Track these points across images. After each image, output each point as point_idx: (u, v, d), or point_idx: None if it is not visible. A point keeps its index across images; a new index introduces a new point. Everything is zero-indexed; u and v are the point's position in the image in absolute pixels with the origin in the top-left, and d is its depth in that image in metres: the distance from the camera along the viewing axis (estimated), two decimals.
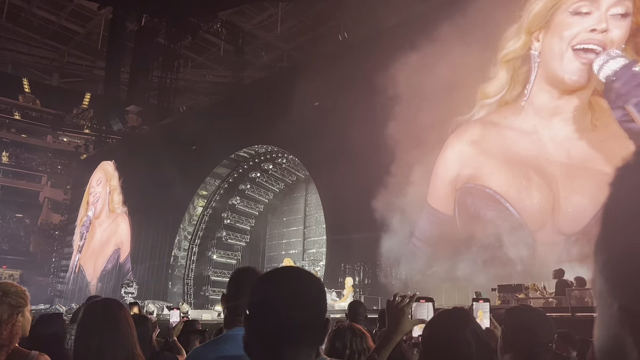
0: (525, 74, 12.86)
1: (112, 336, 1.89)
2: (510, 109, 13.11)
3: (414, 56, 13.98)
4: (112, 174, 28.22)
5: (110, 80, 28.21)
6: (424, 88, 13.74)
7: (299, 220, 24.39)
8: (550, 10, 12.43)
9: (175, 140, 24.21)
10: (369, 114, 14.97)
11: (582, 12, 11.84)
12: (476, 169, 13.22)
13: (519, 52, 12.92)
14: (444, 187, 13.91)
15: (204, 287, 23.79)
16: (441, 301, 12.64)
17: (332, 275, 16.68)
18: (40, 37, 35.33)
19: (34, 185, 41.82)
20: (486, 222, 12.52)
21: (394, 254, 14.15)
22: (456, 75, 13.20)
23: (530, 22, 12.77)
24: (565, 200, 11.70)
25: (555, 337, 2.05)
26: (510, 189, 12.48)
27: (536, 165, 12.25)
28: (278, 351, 1.06)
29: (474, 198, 13.12)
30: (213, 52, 32.41)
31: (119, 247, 26.44)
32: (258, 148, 22.26)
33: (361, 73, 15.73)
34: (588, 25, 11.69)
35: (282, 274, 1.15)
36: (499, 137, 13.05)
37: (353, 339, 2.60)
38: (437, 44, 13.37)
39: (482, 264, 11.99)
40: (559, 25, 12.26)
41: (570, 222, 11.48)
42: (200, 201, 23.93)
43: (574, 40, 11.89)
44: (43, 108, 42.50)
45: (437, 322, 1.83)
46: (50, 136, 43.41)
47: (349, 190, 15.28)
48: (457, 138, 13.95)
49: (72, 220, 33.58)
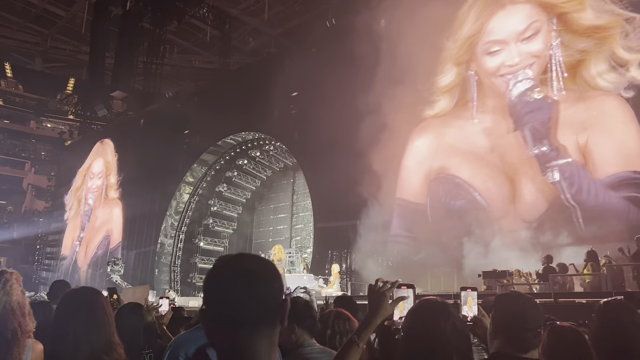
0: (466, 90, 14.15)
1: (88, 325, 1.87)
2: (462, 112, 14.18)
3: (400, 44, 14.07)
4: (113, 165, 27.59)
5: (94, 66, 27.78)
6: (402, 77, 14.21)
7: (286, 208, 24.40)
8: (470, 46, 13.95)
9: (161, 126, 24.03)
10: (356, 100, 14.95)
11: (492, 52, 13.41)
12: (445, 161, 14.02)
13: (456, 81, 14.31)
14: (417, 178, 14.55)
15: (191, 274, 23.76)
16: (427, 287, 12.81)
17: (319, 262, 16.75)
18: (22, 21, 34.57)
19: (17, 172, 41.25)
20: (457, 211, 13.17)
21: (379, 240, 14.24)
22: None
23: (456, 57, 14.23)
24: (523, 188, 12.58)
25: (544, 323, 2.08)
26: (476, 179, 13.32)
27: (494, 157, 13.19)
28: (235, 336, 1.09)
29: (445, 187, 13.85)
30: (199, 37, 32.00)
31: (109, 233, 26.23)
32: (245, 135, 22.14)
33: (349, 59, 15.66)
34: (501, 61, 13.19)
35: (230, 267, 1.15)
36: (461, 132, 13.98)
37: (336, 321, 2.65)
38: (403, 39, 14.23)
39: (460, 251, 12.41)
40: (481, 60, 13.81)
41: (528, 210, 12.39)
42: (186, 188, 23.79)
43: (498, 72, 13.34)
44: (26, 93, 41.81)
45: (418, 313, 1.86)
46: (33, 122, 42.76)
47: (336, 177, 15.29)
48: (423, 133, 14.74)
49: (56, 207, 33.24)
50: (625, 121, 11.47)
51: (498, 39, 13.40)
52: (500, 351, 1.93)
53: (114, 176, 27.07)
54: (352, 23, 15.09)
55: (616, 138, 11.54)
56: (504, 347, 1.93)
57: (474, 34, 13.85)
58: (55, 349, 1.87)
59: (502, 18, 13.37)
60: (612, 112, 11.72)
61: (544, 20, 12.75)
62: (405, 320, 1.89)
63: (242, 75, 22.82)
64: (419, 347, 1.77)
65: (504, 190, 12.89)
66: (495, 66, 13.34)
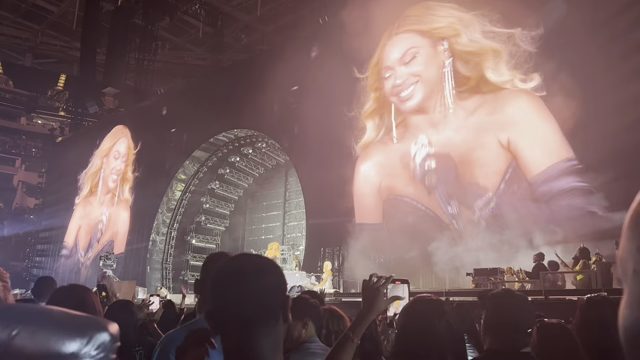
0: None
1: None
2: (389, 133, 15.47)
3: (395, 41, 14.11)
4: (131, 153, 25.60)
5: (85, 62, 27.60)
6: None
7: (278, 205, 24.37)
8: (378, 74, 15.78)
9: (152, 123, 23.93)
10: (348, 98, 14.98)
11: (386, 77, 15.48)
12: (391, 181, 14.96)
13: (374, 106, 15.77)
14: (370, 200, 15.30)
15: (183, 272, 23.70)
16: (418, 285, 12.86)
17: (312, 259, 16.76)
18: (12, 16, 34.21)
19: (8, 169, 40.88)
20: (411, 227, 13.85)
21: (371, 238, 14.28)
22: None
23: (370, 85, 15.94)
24: (464, 191, 13.38)
25: (535, 322, 2.12)
26: (419, 193, 14.22)
27: (427, 166, 14.17)
28: (239, 336, 1.10)
29: (396, 207, 14.70)
30: (191, 33, 31.82)
31: (113, 239, 25.21)
32: (237, 132, 22.07)
33: (341, 56, 15.67)
34: (392, 83, 15.23)
35: (231, 266, 1.17)
36: (397, 151, 15.10)
37: (330, 320, 2.67)
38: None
39: (420, 261, 12.98)
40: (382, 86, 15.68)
41: (474, 210, 13.02)
42: (178, 185, 23.70)
43: (392, 93, 15.29)
44: (16, 89, 41.36)
45: (412, 311, 1.86)
46: (24, 118, 42.35)
47: (329, 175, 15.30)
48: (366, 158, 15.73)
49: (47, 204, 33.00)
50: (541, 116, 12.26)
51: (387, 65, 15.47)
52: (492, 347, 1.96)
53: (130, 171, 25.35)
54: (345, 19, 15.09)
55: (538, 134, 12.29)
56: (496, 344, 1.95)
57: (376, 62, 15.80)
58: None
59: (390, 47, 15.49)
60: (527, 110, 12.64)
61: (424, 45, 14.69)
62: (399, 318, 1.90)
63: (235, 72, 22.73)
64: (413, 344, 1.78)
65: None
66: (389, 88, 15.32)
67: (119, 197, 25.78)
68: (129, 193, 25.14)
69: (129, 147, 26.06)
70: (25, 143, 41.74)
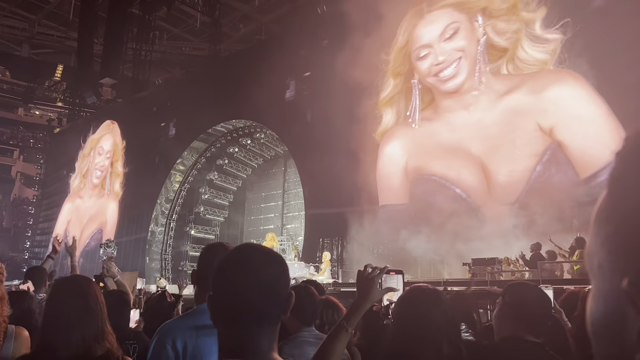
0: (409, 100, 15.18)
1: (80, 313, 1.87)
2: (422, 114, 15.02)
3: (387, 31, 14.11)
4: (119, 147, 26.36)
5: (83, 52, 27.38)
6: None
7: (277, 196, 24.39)
8: (405, 56, 15.14)
9: (150, 114, 23.86)
10: (346, 88, 14.93)
11: (422, 56, 14.66)
12: (418, 161, 14.57)
13: (394, 92, 15.40)
14: (397, 180, 14.96)
15: (182, 262, 23.77)
16: (417, 275, 12.91)
17: (311, 249, 16.81)
18: (8, 6, 33.95)
19: (6, 160, 40.83)
20: (438, 206, 13.33)
21: (370, 228, 14.30)
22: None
23: (393, 69, 15.39)
24: (495, 173, 12.98)
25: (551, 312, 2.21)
26: (449, 172, 13.78)
27: (461, 148, 13.70)
28: (240, 329, 1.09)
29: (423, 187, 14.31)
30: (189, 23, 31.61)
31: (101, 227, 25.74)
32: (236, 122, 22.02)
33: (339, 46, 15.59)
34: (430, 63, 14.44)
35: (240, 255, 1.16)
36: (424, 133, 14.69)
37: (324, 311, 2.67)
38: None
39: (450, 243, 12.42)
40: (416, 66, 14.93)
41: (506, 192, 12.64)
42: (177, 176, 23.69)
43: (430, 74, 14.51)
44: (13, 80, 41.18)
45: (409, 299, 1.88)
46: (21, 109, 42.21)
47: (328, 165, 15.28)
48: (390, 140, 15.39)
49: (46, 195, 32.98)
50: (588, 100, 11.60)
51: (423, 43, 14.72)
52: (507, 336, 2.04)
53: (121, 166, 25.91)
54: (343, 9, 15.00)
55: (588, 126, 11.52)
56: (510, 333, 2.03)
57: (404, 45, 15.11)
58: (46, 335, 1.87)
59: (423, 26, 14.83)
60: (573, 95, 11.97)
61: (463, 20, 14.04)
62: (395, 307, 1.91)
63: (233, 62, 22.63)
64: (409, 333, 1.79)
65: (478, 177, 13.31)
66: (426, 68, 14.60)
67: (109, 189, 26.20)
68: (120, 187, 25.48)
69: (115, 143, 26.60)
70: (23, 134, 41.65)
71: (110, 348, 1.91)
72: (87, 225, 26.81)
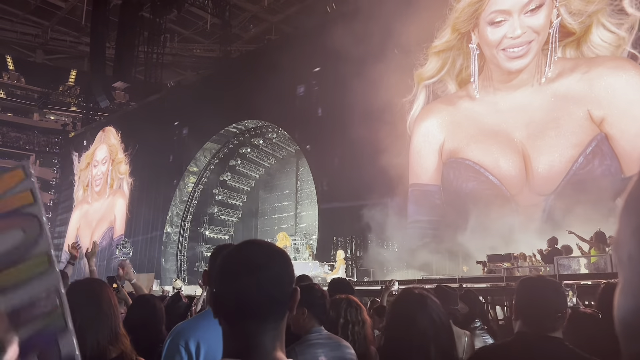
0: (463, 64, 14.09)
1: (94, 316, 1.88)
2: (466, 90, 13.97)
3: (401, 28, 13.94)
4: (117, 147, 27.42)
5: (95, 57, 27.63)
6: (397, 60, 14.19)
7: (290, 195, 24.42)
8: (474, 14, 13.65)
9: (163, 116, 24.04)
10: (357, 85, 14.87)
11: (496, 22, 13.21)
12: (454, 143, 13.81)
13: (444, 46, 14.25)
14: (430, 161, 14.29)
15: (197, 263, 23.89)
16: (432, 271, 12.83)
17: (324, 248, 16.80)
18: (22, 13, 34.41)
19: None
20: (469, 193, 12.89)
21: (385, 226, 14.23)
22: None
23: (455, 23, 14.00)
24: (535, 161, 12.31)
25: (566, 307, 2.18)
26: (486, 158, 13.09)
27: (502, 133, 12.92)
28: (243, 328, 1.07)
29: (455, 171, 13.67)
30: (200, 25, 31.78)
31: (112, 225, 26.26)
32: (248, 123, 22.09)
33: (349, 44, 15.54)
34: (504, 33, 13.02)
35: (242, 251, 1.13)
36: (465, 112, 13.78)
37: (348, 309, 2.65)
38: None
39: (470, 233, 12.11)
40: (483, 31, 13.55)
41: (544, 183, 12.04)
42: (191, 178, 23.84)
43: (500, 46, 13.15)
44: (28, 86, 41.73)
45: (397, 304, 1.93)
46: (36, 114, 42.74)
47: (340, 163, 15.28)
48: (429, 115, 14.55)
49: (62, 199, 33.36)
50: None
51: (502, 8, 13.08)
52: (522, 330, 2.01)
53: (123, 164, 26.61)
54: (353, 8, 14.97)
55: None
56: (526, 327, 2.00)
57: (478, 0, 13.65)
58: None
59: None
60: (631, 85, 11.15)
61: None
62: (387, 310, 1.95)
63: (243, 62, 22.72)
64: (396, 337, 1.82)
65: (517, 165, 12.66)
66: (497, 38, 13.15)
67: (111, 184, 27.11)
68: (127, 186, 25.99)
69: (109, 145, 27.72)
70: (39, 139, 42.18)
71: (125, 350, 1.92)
72: (97, 227, 27.35)
